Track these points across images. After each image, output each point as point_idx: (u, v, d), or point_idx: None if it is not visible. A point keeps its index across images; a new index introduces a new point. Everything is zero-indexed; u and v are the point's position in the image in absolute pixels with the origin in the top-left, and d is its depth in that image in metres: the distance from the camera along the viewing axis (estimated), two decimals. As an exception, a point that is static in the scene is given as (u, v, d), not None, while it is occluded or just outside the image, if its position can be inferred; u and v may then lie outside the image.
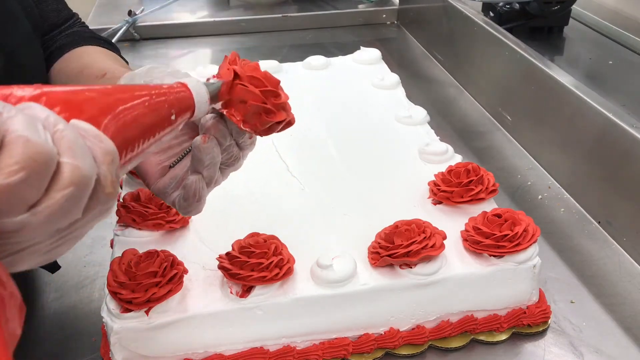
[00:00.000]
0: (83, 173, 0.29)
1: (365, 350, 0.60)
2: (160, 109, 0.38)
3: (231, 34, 1.46)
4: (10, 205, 0.27)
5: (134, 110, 0.35)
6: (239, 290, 0.57)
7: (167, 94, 0.39)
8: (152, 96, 0.38)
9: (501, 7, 1.20)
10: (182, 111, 0.40)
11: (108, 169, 0.31)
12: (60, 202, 0.29)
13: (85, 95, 0.33)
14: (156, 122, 0.38)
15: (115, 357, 0.56)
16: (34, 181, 0.27)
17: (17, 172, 0.26)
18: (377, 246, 0.60)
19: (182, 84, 0.41)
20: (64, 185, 0.29)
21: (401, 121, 0.86)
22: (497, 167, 0.92)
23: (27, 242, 0.30)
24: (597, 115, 0.79)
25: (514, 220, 0.61)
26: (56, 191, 0.29)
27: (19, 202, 0.28)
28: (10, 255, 0.30)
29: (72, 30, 0.73)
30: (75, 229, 0.32)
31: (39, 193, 0.28)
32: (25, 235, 0.29)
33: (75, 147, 0.29)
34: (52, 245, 0.31)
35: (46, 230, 0.30)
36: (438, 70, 1.27)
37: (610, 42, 1.21)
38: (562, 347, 0.62)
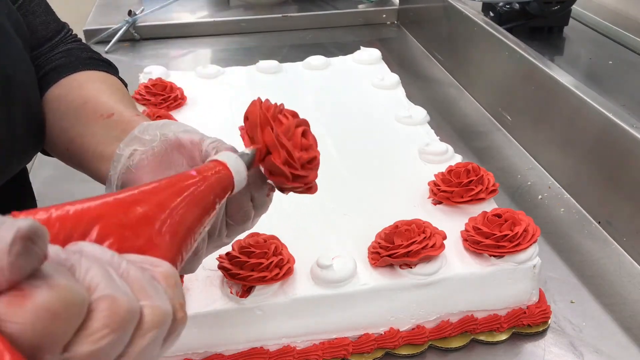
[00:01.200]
0: (162, 311, 0.28)
1: (365, 350, 0.60)
2: (207, 201, 0.36)
3: (231, 34, 1.46)
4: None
5: (184, 214, 0.34)
6: (239, 290, 0.57)
7: (210, 179, 0.37)
8: (197, 186, 0.36)
9: (501, 7, 1.20)
10: (224, 193, 0.38)
11: (173, 292, 0.30)
12: (144, 348, 0.28)
13: (137, 213, 0.31)
14: (203, 214, 0.36)
15: (115, 357, 0.56)
16: (121, 339, 0.27)
17: (106, 336, 0.25)
18: (377, 246, 0.60)
19: (221, 163, 0.39)
20: (147, 330, 0.28)
21: (401, 121, 0.86)
22: (497, 167, 0.92)
23: None
24: (597, 115, 0.79)
25: (514, 220, 0.61)
26: (141, 337, 0.28)
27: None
28: None
29: (67, 48, 0.68)
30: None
31: (124, 345, 0.27)
32: None
33: (147, 286, 0.28)
34: None
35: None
36: (438, 70, 1.27)
37: (610, 42, 1.20)
38: (562, 347, 0.62)
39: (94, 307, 0.26)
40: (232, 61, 1.29)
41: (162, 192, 0.34)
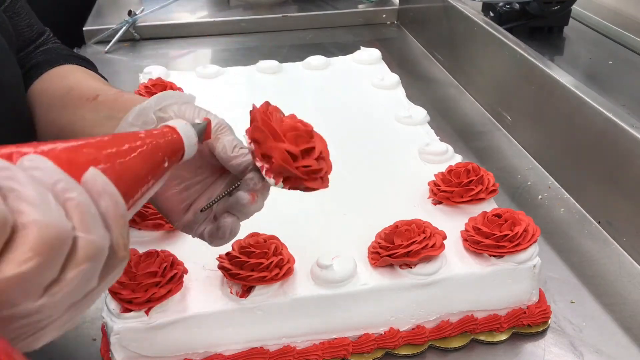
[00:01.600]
0: (97, 246, 0.29)
1: (365, 350, 0.60)
2: (155, 156, 0.38)
3: (231, 34, 1.46)
4: (26, 292, 0.26)
5: (131, 163, 0.36)
6: (239, 290, 0.57)
7: (159, 138, 0.40)
8: (147, 145, 0.38)
9: (501, 7, 1.20)
10: (173, 155, 0.41)
11: (120, 233, 0.31)
12: (76, 279, 0.28)
13: (85, 154, 0.33)
14: (151, 170, 0.38)
15: (115, 357, 0.56)
16: (49, 265, 0.27)
17: (31, 259, 0.26)
18: (377, 246, 0.60)
19: (171, 128, 0.42)
20: (80, 261, 0.28)
21: (401, 121, 0.86)
22: (497, 167, 0.92)
23: (45, 321, 0.29)
24: (597, 115, 0.79)
25: (514, 220, 0.61)
26: (72, 269, 0.28)
27: (34, 287, 0.27)
28: (32, 335, 0.29)
29: (47, 47, 0.70)
30: (90, 298, 0.31)
31: (54, 273, 0.27)
32: (43, 315, 0.28)
33: (88, 218, 0.29)
34: (69, 318, 0.31)
35: (63, 306, 0.29)
36: (438, 70, 1.27)
37: (610, 42, 1.20)
38: (562, 347, 0.62)
39: (21, 230, 0.26)
40: (232, 61, 1.29)
41: (108, 142, 0.35)
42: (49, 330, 0.30)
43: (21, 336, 0.29)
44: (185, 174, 0.49)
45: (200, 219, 0.50)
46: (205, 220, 0.50)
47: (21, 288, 0.26)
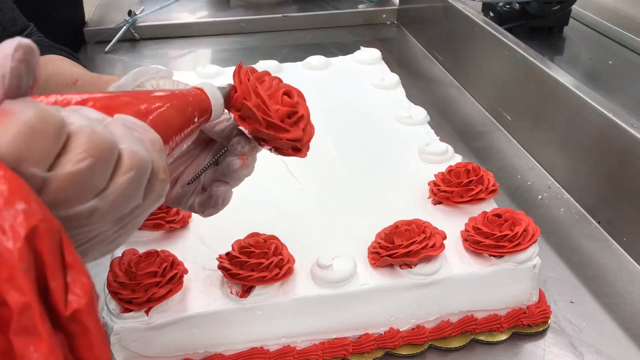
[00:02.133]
0: (141, 157, 0.31)
1: (365, 350, 0.60)
2: (185, 110, 0.40)
3: (231, 34, 1.46)
4: (81, 192, 0.29)
5: (164, 112, 0.37)
6: (239, 290, 0.57)
7: (188, 96, 0.41)
8: (177, 98, 0.40)
9: (501, 7, 1.20)
10: (202, 113, 0.42)
11: (159, 156, 0.33)
12: (124, 186, 0.30)
13: (122, 100, 0.35)
14: (182, 123, 0.40)
15: (115, 357, 0.56)
16: (101, 168, 0.29)
17: (84, 159, 0.28)
18: (377, 246, 0.60)
19: (199, 88, 0.43)
20: (126, 170, 0.30)
21: (401, 121, 0.86)
22: (497, 167, 0.92)
23: (96, 230, 0.31)
24: (597, 115, 0.79)
25: (514, 220, 0.61)
26: (120, 176, 0.30)
27: (88, 189, 0.29)
28: (82, 245, 0.31)
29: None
30: (135, 216, 0.33)
31: (105, 179, 0.30)
32: (95, 222, 0.30)
33: (129, 135, 0.31)
34: (117, 234, 0.33)
35: (112, 216, 0.31)
36: (438, 70, 1.27)
37: (610, 42, 1.20)
38: (562, 347, 0.62)
39: (74, 135, 0.28)
40: (232, 61, 1.29)
41: (145, 94, 0.38)
42: (97, 243, 0.32)
43: (75, 242, 0.31)
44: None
45: (188, 191, 0.49)
46: (194, 192, 0.50)
47: (76, 187, 0.28)
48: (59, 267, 0.25)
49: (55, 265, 0.25)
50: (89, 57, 1.33)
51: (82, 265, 0.26)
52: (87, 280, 0.26)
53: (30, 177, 0.27)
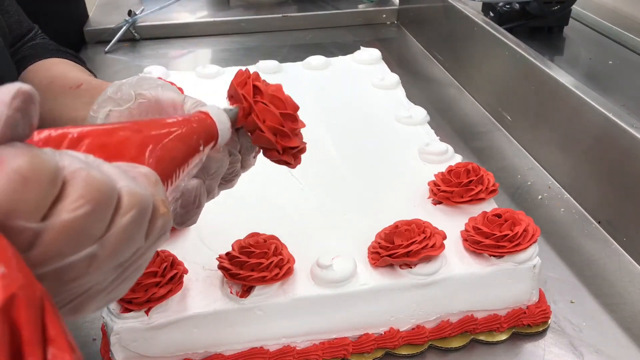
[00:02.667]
0: (141, 193, 0.29)
1: (365, 350, 0.60)
2: (190, 139, 0.38)
3: (231, 34, 1.46)
4: (78, 241, 0.27)
5: (167, 145, 0.36)
6: (239, 290, 0.57)
7: (192, 122, 0.39)
8: (182, 128, 0.37)
9: (501, 7, 1.20)
10: (209, 140, 0.41)
11: (156, 190, 0.31)
12: (125, 228, 0.28)
13: (120, 136, 0.33)
14: (187, 153, 0.38)
15: (115, 357, 0.56)
16: (100, 213, 0.27)
17: (82, 206, 0.26)
18: (377, 246, 0.60)
19: (204, 113, 0.41)
20: (126, 210, 0.28)
21: (401, 121, 0.86)
22: (497, 167, 0.92)
23: (94, 280, 0.29)
24: (597, 115, 0.79)
25: (514, 220, 0.61)
26: (120, 217, 0.28)
27: (86, 237, 0.27)
28: (78, 298, 0.29)
29: (35, 42, 0.71)
30: (137, 258, 0.31)
31: (105, 224, 0.28)
32: (93, 272, 0.28)
33: (123, 174, 0.30)
34: (117, 281, 0.31)
35: (112, 263, 0.29)
36: (438, 70, 1.27)
37: (610, 42, 1.20)
38: (562, 347, 0.62)
39: (70, 180, 0.26)
40: (232, 61, 1.29)
41: (146, 125, 0.36)
42: (95, 295, 0.30)
43: (65, 299, 0.28)
44: None
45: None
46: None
47: (73, 236, 0.26)
48: (38, 342, 0.22)
49: (34, 339, 0.22)
50: (89, 57, 1.33)
51: (66, 338, 0.24)
52: (70, 357, 0.23)
53: (21, 231, 0.24)
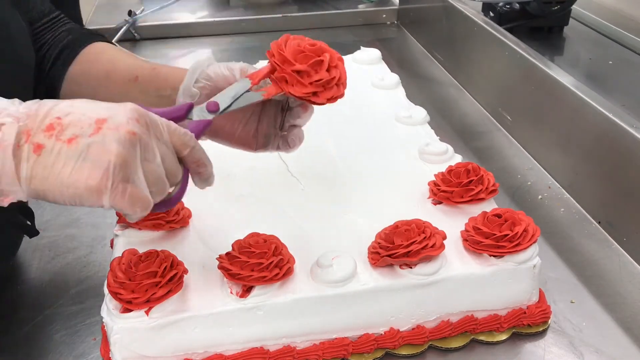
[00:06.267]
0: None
1: (365, 350, 0.60)
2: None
3: (231, 34, 1.46)
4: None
5: None
6: (239, 290, 0.57)
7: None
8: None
9: (501, 7, 1.20)
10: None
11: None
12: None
13: None
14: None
15: (115, 357, 0.56)
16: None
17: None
18: (377, 246, 0.60)
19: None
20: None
21: (401, 121, 0.86)
22: (497, 167, 0.92)
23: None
24: (597, 115, 0.79)
25: (514, 220, 0.61)
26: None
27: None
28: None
29: (67, 28, 0.72)
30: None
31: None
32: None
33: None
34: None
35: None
36: (438, 70, 1.27)
37: (610, 42, 1.20)
38: (562, 347, 0.62)
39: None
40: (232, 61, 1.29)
41: None
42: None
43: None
44: (240, 115, 0.62)
45: (271, 137, 0.64)
46: (276, 137, 0.64)
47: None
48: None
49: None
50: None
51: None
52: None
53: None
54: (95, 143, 0.42)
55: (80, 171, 0.42)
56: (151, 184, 0.45)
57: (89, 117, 0.43)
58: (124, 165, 0.43)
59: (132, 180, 0.43)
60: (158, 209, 0.49)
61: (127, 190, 0.43)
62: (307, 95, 0.57)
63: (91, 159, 0.42)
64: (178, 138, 0.48)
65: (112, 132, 0.43)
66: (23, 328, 0.65)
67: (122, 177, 0.43)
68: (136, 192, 0.44)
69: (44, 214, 0.82)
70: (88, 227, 0.80)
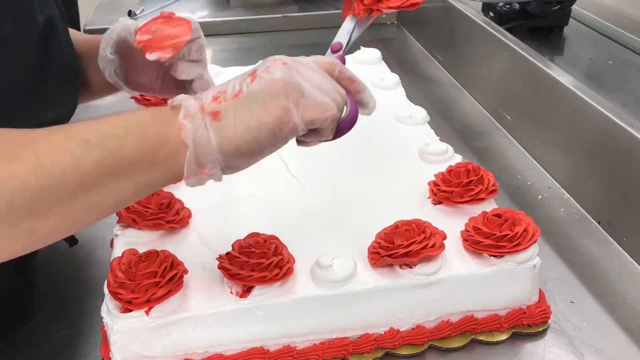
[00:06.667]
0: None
1: (365, 350, 0.60)
2: None
3: (231, 34, 1.46)
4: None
5: None
6: (239, 290, 0.57)
7: None
8: None
9: (501, 7, 1.20)
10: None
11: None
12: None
13: None
14: None
15: (115, 357, 0.56)
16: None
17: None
18: (377, 246, 0.60)
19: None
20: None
21: (401, 121, 0.86)
22: (497, 167, 0.92)
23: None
24: (597, 115, 0.79)
25: (514, 220, 0.61)
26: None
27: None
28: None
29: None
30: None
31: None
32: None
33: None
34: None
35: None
36: (438, 70, 1.27)
37: (610, 42, 1.20)
38: (562, 347, 0.62)
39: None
40: (232, 61, 1.29)
41: None
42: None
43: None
44: (155, 70, 0.67)
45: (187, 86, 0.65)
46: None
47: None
48: None
49: None
50: (89, 57, 1.32)
51: None
52: None
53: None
54: (257, 85, 0.48)
55: (261, 109, 0.47)
56: (324, 93, 0.50)
57: (241, 76, 0.49)
58: (291, 85, 0.48)
59: (307, 95, 0.48)
60: (339, 133, 0.56)
61: (308, 102, 0.48)
62: (404, 1, 0.68)
63: (263, 96, 0.47)
64: (324, 62, 0.53)
65: (266, 72, 0.48)
66: (23, 328, 0.65)
67: (296, 94, 0.48)
68: (316, 100, 0.49)
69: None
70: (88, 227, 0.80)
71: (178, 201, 0.67)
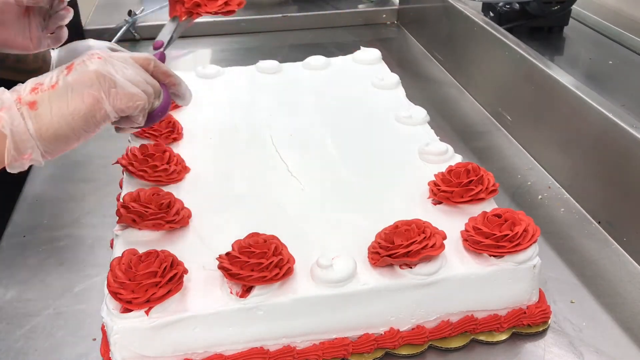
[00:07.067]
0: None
1: (365, 350, 0.60)
2: None
3: (231, 34, 1.46)
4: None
5: None
6: (239, 290, 0.57)
7: None
8: None
9: (501, 7, 1.20)
10: None
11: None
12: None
13: None
14: None
15: (115, 357, 0.56)
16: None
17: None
18: (377, 246, 0.60)
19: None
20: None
21: (401, 121, 0.86)
22: (497, 167, 0.92)
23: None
24: (597, 115, 0.79)
25: (514, 220, 0.61)
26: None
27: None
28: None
29: None
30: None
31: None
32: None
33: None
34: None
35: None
36: (438, 70, 1.27)
37: (610, 42, 1.20)
38: (562, 347, 0.62)
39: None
40: (232, 61, 1.29)
41: None
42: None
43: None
44: (15, 27, 0.68)
45: (42, 39, 0.70)
46: (45, 38, 0.71)
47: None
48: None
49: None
50: (89, 57, 1.32)
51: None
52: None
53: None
54: (72, 76, 0.52)
55: (75, 98, 0.52)
56: (135, 84, 0.55)
57: (59, 68, 0.54)
58: (104, 77, 0.53)
59: (119, 86, 0.53)
60: (151, 120, 0.59)
61: (118, 92, 0.53)
62: (221, 8, 0.72)
63: (77, 87, 0.52)
64: (139, 57, 0.58)
65: (82, 64, 0.53)
66: (23, 328, 0.65)
67: (108, 84, 0.53)
68: (127, 90, 0.54)
69: (45, 214, 0.82)
70: (88, 227, 0.80)
71: (178, 201, 0.67)
